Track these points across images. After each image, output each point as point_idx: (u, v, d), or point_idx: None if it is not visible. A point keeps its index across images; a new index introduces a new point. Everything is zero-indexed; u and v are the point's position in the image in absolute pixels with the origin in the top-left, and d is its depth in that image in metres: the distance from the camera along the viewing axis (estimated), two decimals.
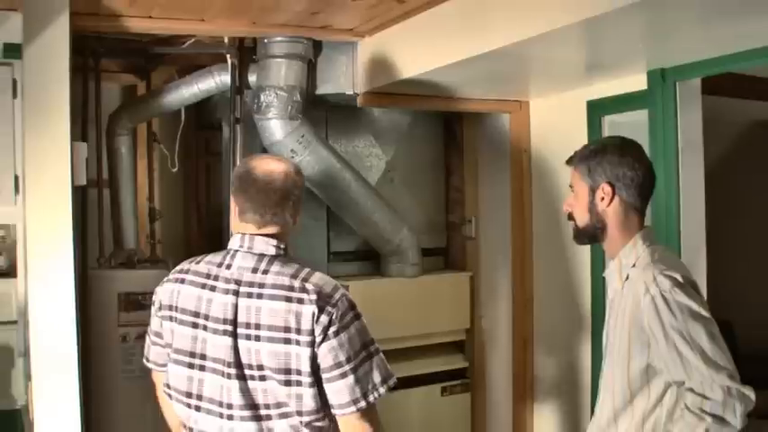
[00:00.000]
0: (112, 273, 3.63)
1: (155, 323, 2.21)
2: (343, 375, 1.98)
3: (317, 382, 2.00)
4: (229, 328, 2.03)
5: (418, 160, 4.34)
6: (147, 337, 2.27)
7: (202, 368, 2.07)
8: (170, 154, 4.22)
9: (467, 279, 4.27)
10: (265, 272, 2.07)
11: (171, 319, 2.13)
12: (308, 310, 1.98)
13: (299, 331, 1.98)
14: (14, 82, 2.90)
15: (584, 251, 3.50)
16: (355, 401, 1.99)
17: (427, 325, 4.10)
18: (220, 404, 2.04)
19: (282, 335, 1.99)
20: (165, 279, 2.22)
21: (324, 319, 1.98)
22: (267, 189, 2.11)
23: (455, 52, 2.95)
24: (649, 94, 3.16)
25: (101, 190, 3.91)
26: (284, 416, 2.02)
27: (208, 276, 2.11)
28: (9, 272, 3.17)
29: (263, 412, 2.03)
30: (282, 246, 2.15)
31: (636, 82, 3.23)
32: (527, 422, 4.07)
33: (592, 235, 2.25)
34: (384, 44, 3.46)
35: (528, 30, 2.54)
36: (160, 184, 4.33)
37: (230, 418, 2.04)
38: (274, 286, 2.03)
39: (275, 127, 3.50)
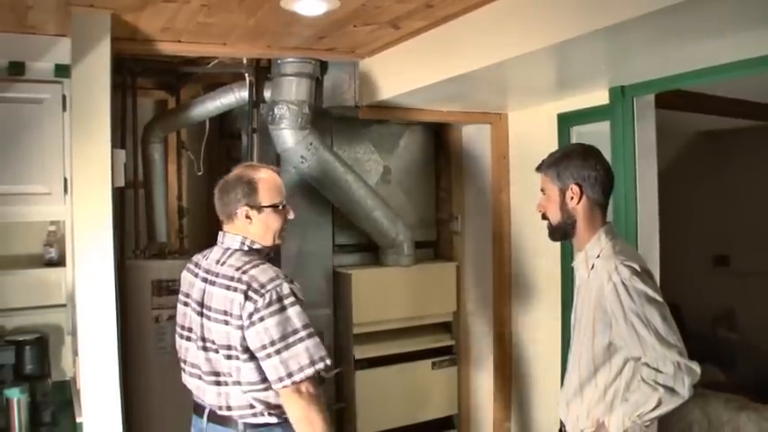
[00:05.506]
0: (146, 263, 3.62)
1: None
2: (269, 356, 2.02)
3: (254, 357, 2.06)
4: (199, 308, 2.16)
5: (411, 165, 4.34)
6: None
7: (188, 339, 2.22)
8: (196, 159, 4.22)
9: (454, 268, 4.27)
10: (222, 263, 2.16)
11: (179, 300, 2.32)
12: (238, 297, 2.05)
13: (231, 315, 2.06)
14: (64, 97, 2.89)
15: (555, 243, 3.49)
16: (281, 379, 2.02)
17: (419, 308, 4.10)
18: (197, 368, 2.19)
19: (222, 317, 2.08)
20: None
21: (249, 306, 2.03)
22: (219, 196, 2.24)
23: (444, 71, 2.95)
24: (611, 108, 3.17)
25: (137, 191, 3.91)
26: (236, 383, 2.11)
27: (197, 266, 2.26)
28: (59, 262, 3.16)
29: (221, 379, 2.14)
30: (248, 241, 2.20)
31: (599, 97, 3.24)
32: (506, 392, 4.09)
33: (565, 231, 2.25)
34: (382, 64, 3.46)
35: (508, 52, 2.55)
36: (188, 185, 4.32)
37: (201, 379, 2.18)
38: (222, 276, 2.13)
39: (287, 136, 3.50)
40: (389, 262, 4.01)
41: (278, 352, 2.01)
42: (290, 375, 2.01)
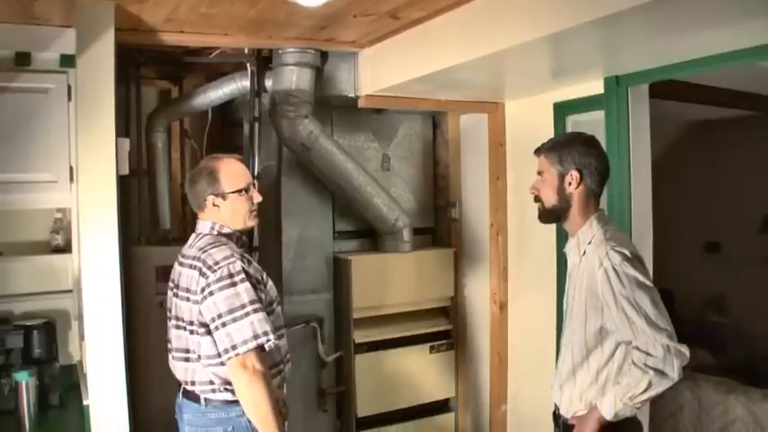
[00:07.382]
0: (150, 249, 3.63)
1: None
2: (217, 328, 2.11)
3: (211, 332, 2.15)
4: (175, 289, 2.27)
5: (410, 153, 4.35)
6: None
7: (169, 319, 2.33)
8: (199, 147, 4.23)
9: (451, 254, 4.28)
10: (192, 247, 2.28)
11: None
12: (195, 274, 2.16)
13: (191, 291, 2.18)
14: (69, 87, 2.88)
15: (550, 230, 3.52)
16: (226, 351, 2.10)
17: (418, 293, 4.11)
18: (172, 346, 2.31)
19: (186, 293, 2.20)
20: None
21: (202, 281, 2.14)
22: (188, 189, 2.35)
23: (442, 61, 2.94)
24: (606, 97, 3.17)
25: (140, 179, 3.92)
26: (198, 359, 2.20)
27: (180, 254, 2.37)
28: (66, 248, 3.17)
29: (189, 355, 2.23)
30: (217, 226, 2.30)
31: (594, 87, 3.25)
32: (502, 375, 4.11)
33: (556, 215, 2.25)
34: (381, 54, 3.45)
35: (504, 42, 2.55)
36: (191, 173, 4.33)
37: (173, 358, 2.30)
38: (189, 257, 2.25)
39: (288, 125, 3.51)
40: (388, 248, 4.01)
41: (224, 324, 2.09)
42: (233, 348, 2.08)
